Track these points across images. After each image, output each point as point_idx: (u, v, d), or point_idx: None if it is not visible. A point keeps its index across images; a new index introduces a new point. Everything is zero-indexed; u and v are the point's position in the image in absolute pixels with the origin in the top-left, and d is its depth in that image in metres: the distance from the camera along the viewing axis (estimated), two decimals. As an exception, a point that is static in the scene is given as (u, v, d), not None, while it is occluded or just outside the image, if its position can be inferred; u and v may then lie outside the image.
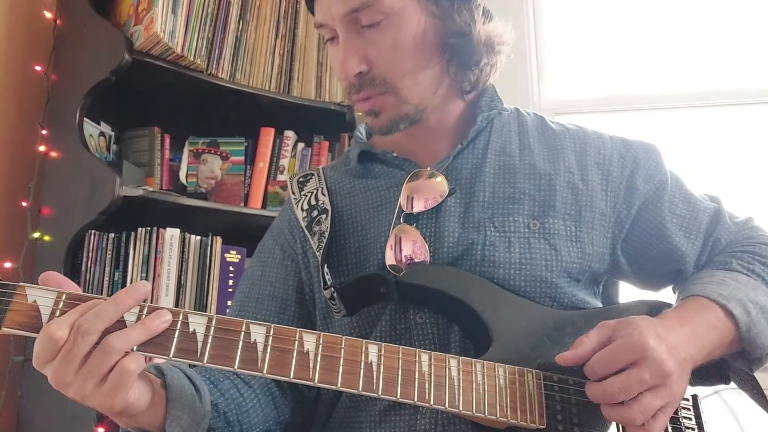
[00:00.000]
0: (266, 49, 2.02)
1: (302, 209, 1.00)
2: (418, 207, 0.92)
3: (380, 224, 0.94)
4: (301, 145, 2.08)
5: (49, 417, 1.60)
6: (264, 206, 1.99)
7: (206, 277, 1.78)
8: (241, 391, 0.90)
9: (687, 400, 0.85)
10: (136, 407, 0.70)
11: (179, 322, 0.70)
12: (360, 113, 0.95)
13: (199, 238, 1.78)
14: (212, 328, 0.70)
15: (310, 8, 0.95)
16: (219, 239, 1.82)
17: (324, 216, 0.96)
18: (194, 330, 0.70)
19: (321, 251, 0.92)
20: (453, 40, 0.91)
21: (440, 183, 0.93)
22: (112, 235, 1.65)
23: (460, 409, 0.74)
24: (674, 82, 2.14)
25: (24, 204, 1.72)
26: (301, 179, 1.06)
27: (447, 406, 0.74)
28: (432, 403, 0.73)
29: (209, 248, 1.79)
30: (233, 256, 1.84)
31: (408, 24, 0.88)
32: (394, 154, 0.98)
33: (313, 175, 1.06)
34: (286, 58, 2.06)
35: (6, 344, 1.65)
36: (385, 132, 0.93)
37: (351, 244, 0.95)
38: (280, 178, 2.03)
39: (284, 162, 2.04)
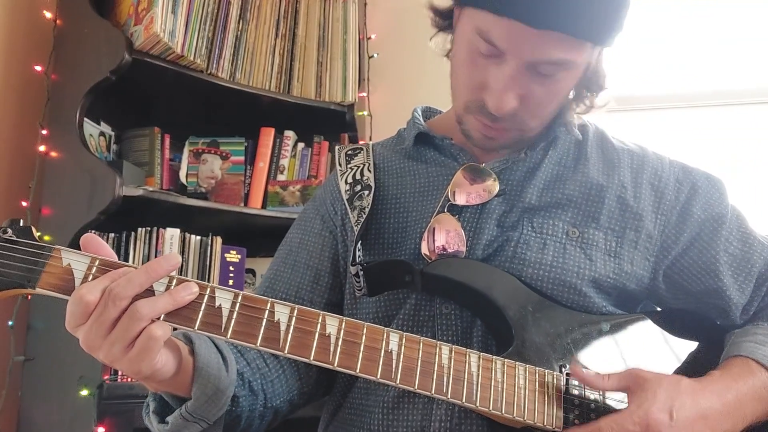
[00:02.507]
0: (266, 48, 2.02)
1: (346, 182, 1.00)
2: (460, 200, 0.92)
3: (423, 210, 0.94)
4: (301, 145, 2.08)
5: (50, 416, 1.60)
6: (264, 206, 1.99)
7: (206, 276, 1.78)
8: (267, 361, 0.91)
9: None
10: (163, 373, 0.71)
11: (206, 296, 0.70)
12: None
13: (199, 238, 1.78)
14: (238, 304, 0.71)
15: (492, 9, 0.81)
16: (219, 239, 1.82)
17: (367, 192, 0.96)
18: (220, 305, 0.70)
19: (359, 226, 0.92)
20: (586, 90, 0.91)
21: (492, 182, 0.92)
22: (112, 235, 1.65)
23: (477, 405, 0.74)
24: (674, 82, 2.14)
25: (24, 204, 1.72)
26: (349, 152, 1.06)
27: (464, 400, 0.74)
28: (449, 396, 0.74)
29: (209, 248, 1.79)
30: (233, 256, 1.84)
31: (572, 79, 0.86)
32: (452, 141, 0.98)
33: (362, 149, 1.05)
34: (286, 57, 2.06)
35: (7, 343, 1.65)
36: (488, 150, 0.94)
37: (391, 224, 0.95)
38: (280, 178, 2.03)
39: (284, 162, 2.04)
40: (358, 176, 1.00)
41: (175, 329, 0.71)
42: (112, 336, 0.66)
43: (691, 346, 0.90)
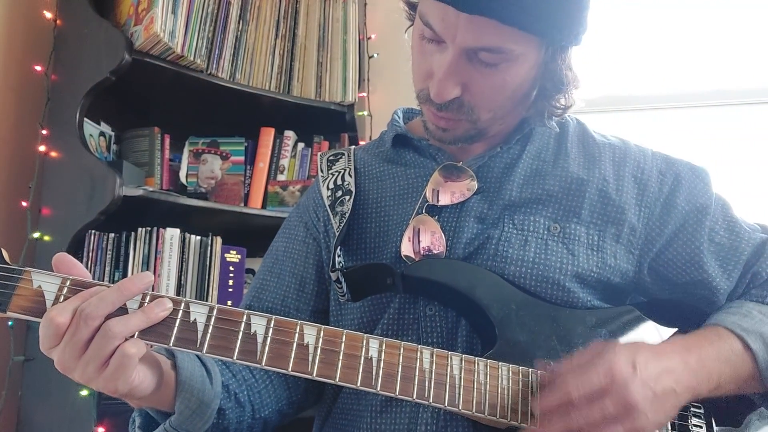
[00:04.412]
0: (266, 49, 2.02)
1: (328, 188, 1.00)
2: (444, 200, 0.91)
3: (403, 212, 0.93)
4: (301, 145, 2.08)
5: (50, 417, 1.60)
6: (264, 206, 1.99)
7: (206, 277, 1.77)
8: (253, 372, 0.90)
9: (698, 407, 0.83)
10: (142, 390, 0.71)
11: (180, 311, 0.70)
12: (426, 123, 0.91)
13: (199, 238, 1.78)
14: (213, 317, 0.71)
15: None
16: (219, 239, 1.82)
17: (347, 197, 0.96)
18: (195, 319, 0.70)
19: (339, 232, 0.92)
20: (549, 89, 0.90)
21: (469, 179, 0.92)
22: (112, 235, 1.65)
23: (460, 408, 0.74)
24: (674, 82, 2.14)
25: (24, 204, 1.72)
26: (331, 158, 1.06)
27: (446, 404, 0.74)
28: (431, 401, 0.73)
29: (209, 248, 1.79)
30: (233, 256, 1.84)
31: (519, 73, 0.84)
32: (429, 142, 0.98)
33: (343, 154, 1.05)
34: (286, 58, 2.06)
35: (6, 344, 1.65)
36: (446, 143, 0.93)
37: (372, 229, 0.95)
38: (280, 178, 2.03)
39: (284, 162, 2.04)
40: (339, 181, 1.00)
41: (151, 346, 0.71)
42: (86, 356, 0.66)
43: (679, 336, 0.89)
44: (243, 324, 0.71)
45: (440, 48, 0.84)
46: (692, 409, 0.82)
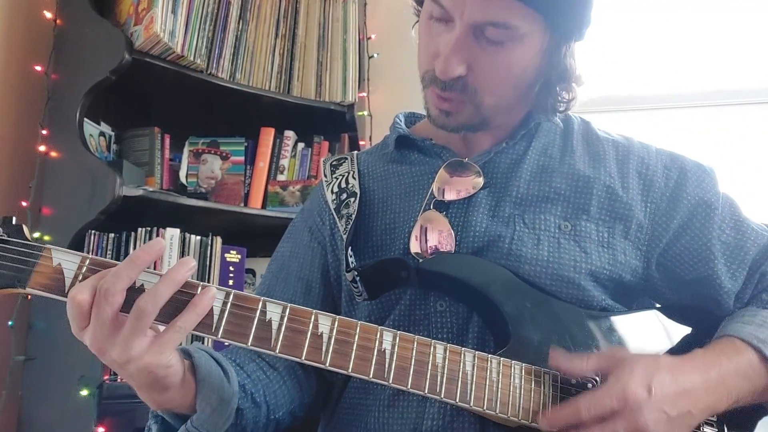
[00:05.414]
0: (266, 48, 2.02)
1: (332, 192, 1.00)
2: (450, 196, 0.92)
3: (410, 209, 0.94)
4: (301, 145, 2.07)
5: (50, 417, 1.60)
6: (264, 206, 1.99)
7: (206, 277, 1.77)
8: (267, 373, 0.91)
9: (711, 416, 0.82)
10: (174, 372, 0.70)
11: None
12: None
13: (199, 238, 1.78)
14: (229, 303, 0.70)
15: None
16: (219, 239, 1.81)
17: (352, 199, 0.97)
18: (211, 305, 0.70)
19: (347, 234, 0.92)
20: (553, 81, 0.91)
21: (475, 175, 0.93)
22: (112, 235, 1.65)
23: (471, 404, 0.74)
24: (674, 82, 2.14)
25: (24, 204, 1.72)
26: (334, 162, 1.07)
27: (458, 400, 0.74)
28: (443, 396, 0.73)
29: (209, 248, 1.79)
30: (233, 256, 1.84)
31: (523, 56, 0.86)
32: (433, 142, 0.98)
33: (346, 159, 1.06)
34: (286, 57, 2.06)
35: (7, 344, 1.65)
36: (448, 130, 0.93)
37: (378, 226, 0.95)
38: (280, 178, 2.03)
39: (284, 162, 2.04)
40: (343, 185, 1.00)
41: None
42: (123, 334, 0.65)
43: (694, 339, 0.89)
44: (258, 311, 0.71)
45: (448, 27, 0.85)
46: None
